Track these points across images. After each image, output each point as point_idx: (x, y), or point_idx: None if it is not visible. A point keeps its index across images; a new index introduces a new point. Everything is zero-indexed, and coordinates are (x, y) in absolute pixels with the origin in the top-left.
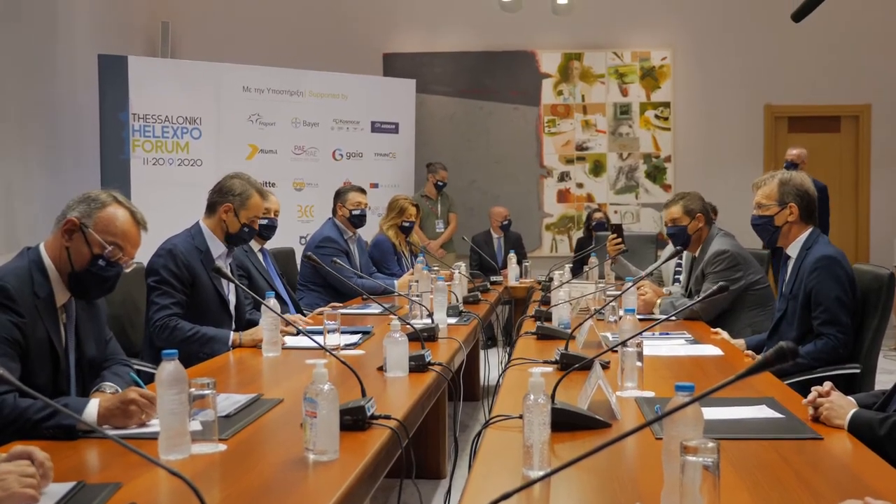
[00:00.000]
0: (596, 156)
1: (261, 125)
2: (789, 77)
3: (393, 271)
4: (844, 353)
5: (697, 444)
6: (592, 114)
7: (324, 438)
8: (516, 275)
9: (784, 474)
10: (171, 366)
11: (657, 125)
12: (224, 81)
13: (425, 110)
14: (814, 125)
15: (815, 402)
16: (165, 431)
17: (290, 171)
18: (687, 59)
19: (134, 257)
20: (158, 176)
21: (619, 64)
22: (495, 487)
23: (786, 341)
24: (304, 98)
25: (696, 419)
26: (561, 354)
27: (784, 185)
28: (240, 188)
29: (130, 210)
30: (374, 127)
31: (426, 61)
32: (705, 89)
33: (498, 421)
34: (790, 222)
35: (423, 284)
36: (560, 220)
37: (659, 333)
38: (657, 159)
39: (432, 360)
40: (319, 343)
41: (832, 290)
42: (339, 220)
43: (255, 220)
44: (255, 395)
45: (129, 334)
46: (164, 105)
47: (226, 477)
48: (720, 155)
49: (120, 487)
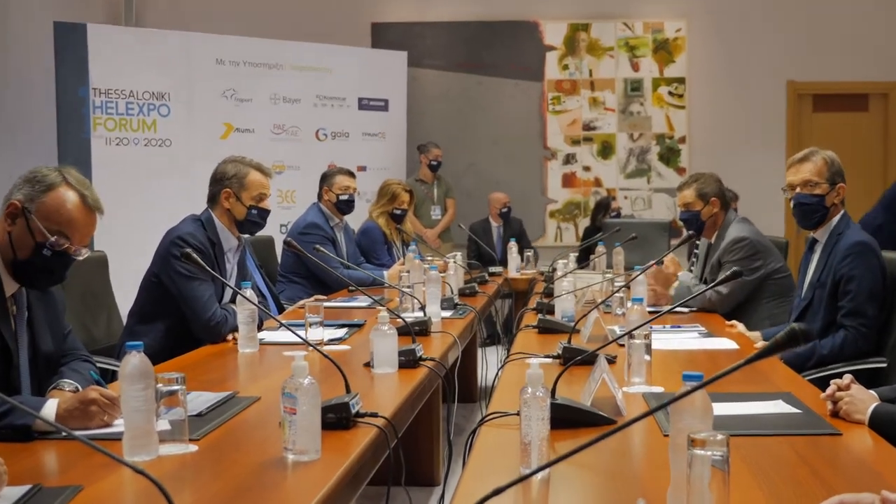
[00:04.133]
0: (604, 136)
1: (236, 101)
2: (814, 51)
3: (383, 261)
4: (866, 347)
5: (706, 437)
6: (600, 90)
7: (304, 437)
8: (517, 265)
9: (799, 471)
10: (136, 359)
11: (671, 103)
12: (195, 53)
13: (418, 86)
14: (840, 103)
15: (834, 397)
16: (130, 431)
17: (269, 153)
18: (703, 31)
19: (87, 244)
20: (122, 157)
21: (630, 36)
22: (489, 488)
23: (798, 323)
24: (285, 72)
25: (705, 410)
26: (563, 348)
27: (832, 165)
28: (233, 169)
29: (81, 193)
30: (362, 104)
31: (419, 32)
32: (723, 64)
33: (494, 418)
34: (836, 204)
35: (415, 275)
36: (565, 207)
37: (670, 326)
38: (671, 140)
39: (424, 355)
40: (301, 337)
41: (864, 279)
42: (325, 206)
43: (262, 197)
44: (229, 392)
45: (91, 329)
46: (129, 79)
47: (197, 479)
48: (739, 136)
49: (80, 490)
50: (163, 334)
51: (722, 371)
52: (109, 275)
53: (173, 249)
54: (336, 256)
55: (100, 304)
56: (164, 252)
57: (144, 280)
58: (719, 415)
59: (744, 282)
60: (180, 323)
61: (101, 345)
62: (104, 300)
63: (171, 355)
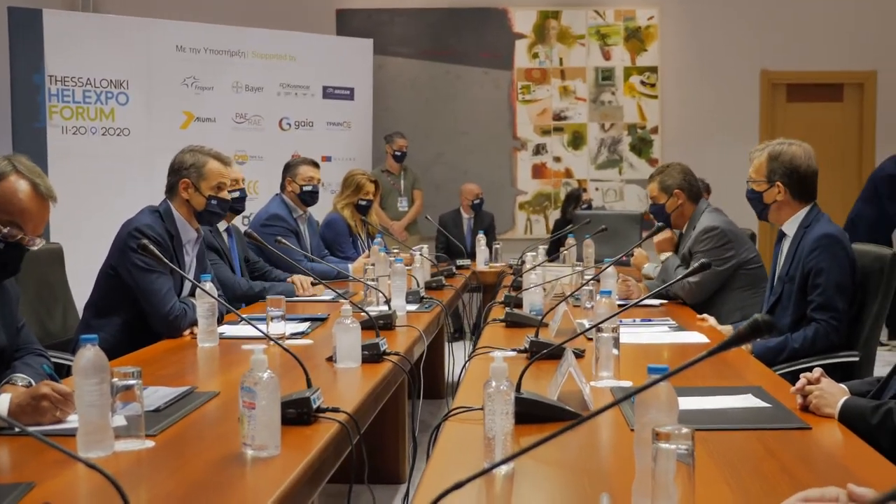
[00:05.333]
0: (575, 126)
1: (197, 90)
2: (788, 40)
3: (347, 254)
4: (837, 341)
5: (671, 431)
6: (571, 79)
7: (263, 432)
8: (485, 258)
9: (767, 466)
10: (91, 352)
11: (643, 92)
12: (154, 40)
13: (384, 74)
14: (814, 93)
15: (804, 391)
16: (84, 426)
17: (231, 143)
18: (676, 19)
19: (41, 234)
20: (79, 147)
21: (601, 24)
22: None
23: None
24: (247, 59)
25: (671, 404)
26: (530, 342)
27: (773, 161)
28: (191, 159)
29: (32, 181)
30: (327, 93)
31: (385, 19)
32: (696, 53)
33: (458, 413)
34: (779, 201)
35: (380, 268)
36: (535, 199)
37: (640, 320)
38: (643, 130)
39: (388, 349)
40: (262, 331)
41: (831, 272)
42: (288, 197)
43: (222, 187)
44: (187, 387)
45: (46, 323)
46: (86, 66)
47: (153, 476)
48: (712, 126)
49: (32, 487)
50: (120, 328)
51: (684, 363)
52: (65, 267)
53: (130, 241)
54: (299, 249)
55: (55, 298)
56: (121, 244)
57: (101, 272)
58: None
59: (715, 272)
60: (138, 316)
61: (56, 339)
62: (60, 293)
63: (129, 349)
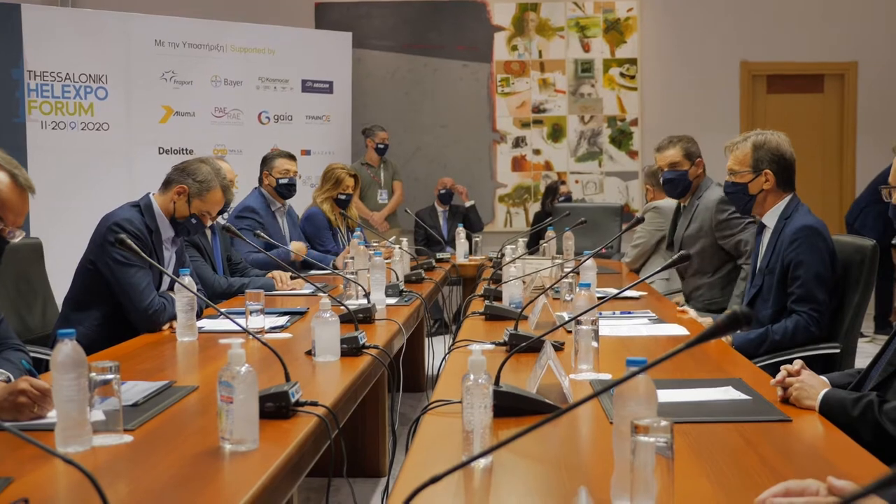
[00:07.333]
0: (555, 119)
1: (176, 84)
2: (768, 31)
3: (328, 248)
4: (818, 333)
5: (649, 424)
6: (551, 72)
7: (241, 426)
8: (465, 251)
9: (747, 459)
10: (68, 347)
11: (622, 84)
12: (133, 34)
13: (363, 68)
14: (795, 85)
15: (784, 383)
16: (63, 421)
17: (210, 137)
18: (655, 11)
19: (21, 226)
20: (59, 142)
21: (580, 16)
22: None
23: (739, 306)
24: (226, 53)
25: (649, 396)
26: (510, 335)
27: (758, 150)
28: (204, 175)
29: (11, 173)
30: (306, 86)
31: (364, 12)
32: (675, 44)
33: (437, 406)
34: (766, 191)
35: (359, 261)
36: (515, 191)
37: (620, 312)
38: (622, 123)
39: (367, 343)
40: (240, 325)
41: (811, 264)
42: (266, 190)
43: (209, 214)
44: (166, 382)
45: (25, 317)
46: (65, 61)
47: (131, 471)
48: (692, 117)
49: (10, 482)
50: (99, 322)
51: (663, 355)
52: (45, 262)
53: (109, 236)
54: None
55: (34, 292)
56: (100, 238)
57: (80, 266)
58: (667, 401)
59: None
60: (117, 311)
61: (36, 334)
62: (39, 288)
63: (108, 344)
